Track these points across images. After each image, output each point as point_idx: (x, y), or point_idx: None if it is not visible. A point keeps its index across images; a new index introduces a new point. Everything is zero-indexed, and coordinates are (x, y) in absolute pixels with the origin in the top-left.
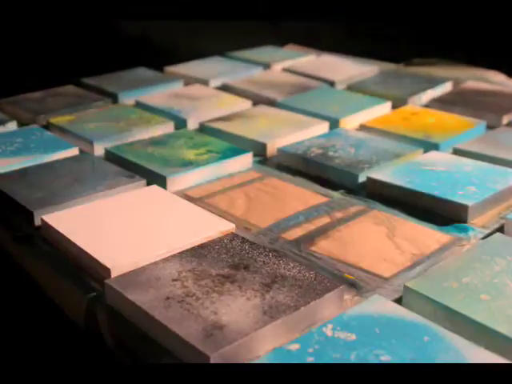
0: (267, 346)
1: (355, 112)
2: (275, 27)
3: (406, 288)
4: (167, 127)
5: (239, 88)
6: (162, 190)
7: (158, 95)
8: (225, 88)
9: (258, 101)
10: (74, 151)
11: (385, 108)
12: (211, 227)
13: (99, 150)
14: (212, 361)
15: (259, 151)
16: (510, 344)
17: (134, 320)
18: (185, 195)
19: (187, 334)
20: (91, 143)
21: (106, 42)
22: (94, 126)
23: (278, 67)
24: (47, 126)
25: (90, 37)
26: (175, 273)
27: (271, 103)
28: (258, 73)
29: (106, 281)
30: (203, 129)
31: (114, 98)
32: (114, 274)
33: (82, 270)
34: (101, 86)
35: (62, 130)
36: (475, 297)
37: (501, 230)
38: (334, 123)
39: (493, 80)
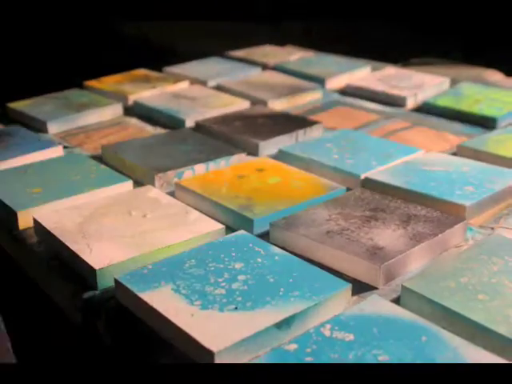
0: (415, 264)
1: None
2: (274, 27)
3: (404, 288)
4: (116, 109)
5: (232, 89)
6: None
7: (156, 95)
8: (219, 89)
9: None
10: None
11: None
12: None
13: (53, 129)
14: (381, 270)
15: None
16: (507, 343)
17: (302, 252)
18: None
19: (356, 253)
20: (45, 124)
21: (106, 43)
22: (48, 108)
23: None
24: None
25: (89, 37)
26: (326, 215)
27: (263, 104)
28: (255, 73)
29: (272, 222)
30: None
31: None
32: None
33: None
34: (185, 73)
35: (20, 114)
36: (473, 297)
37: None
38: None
39: (490, 79)
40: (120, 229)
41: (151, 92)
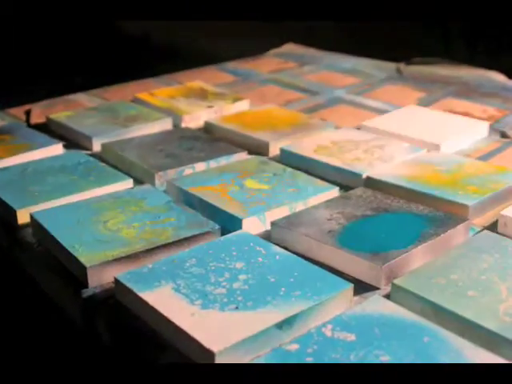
0: (418, 264)
1: None
2: (275, 27)
3: (394, 285)
4: (165, 124)
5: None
6: None
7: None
8: (208, 128)
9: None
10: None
11: None
12: None
13: (98, 145)
14: (383, 271)
15: (261, 150)
16: (496, 339)
17: (303, 252)
18: None
19: (358, 253)
20: (90, 139)
21: (107, 42)
22: (92, 121)
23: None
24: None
25: (90, 37)
26: (327, 215)
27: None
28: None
29: (274, 221)
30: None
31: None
32: None
33: None
34: None
35: (60, 125)
36: (462, 293)
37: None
38: None
39: (494, 80)
40: None
41: (207, 112)
